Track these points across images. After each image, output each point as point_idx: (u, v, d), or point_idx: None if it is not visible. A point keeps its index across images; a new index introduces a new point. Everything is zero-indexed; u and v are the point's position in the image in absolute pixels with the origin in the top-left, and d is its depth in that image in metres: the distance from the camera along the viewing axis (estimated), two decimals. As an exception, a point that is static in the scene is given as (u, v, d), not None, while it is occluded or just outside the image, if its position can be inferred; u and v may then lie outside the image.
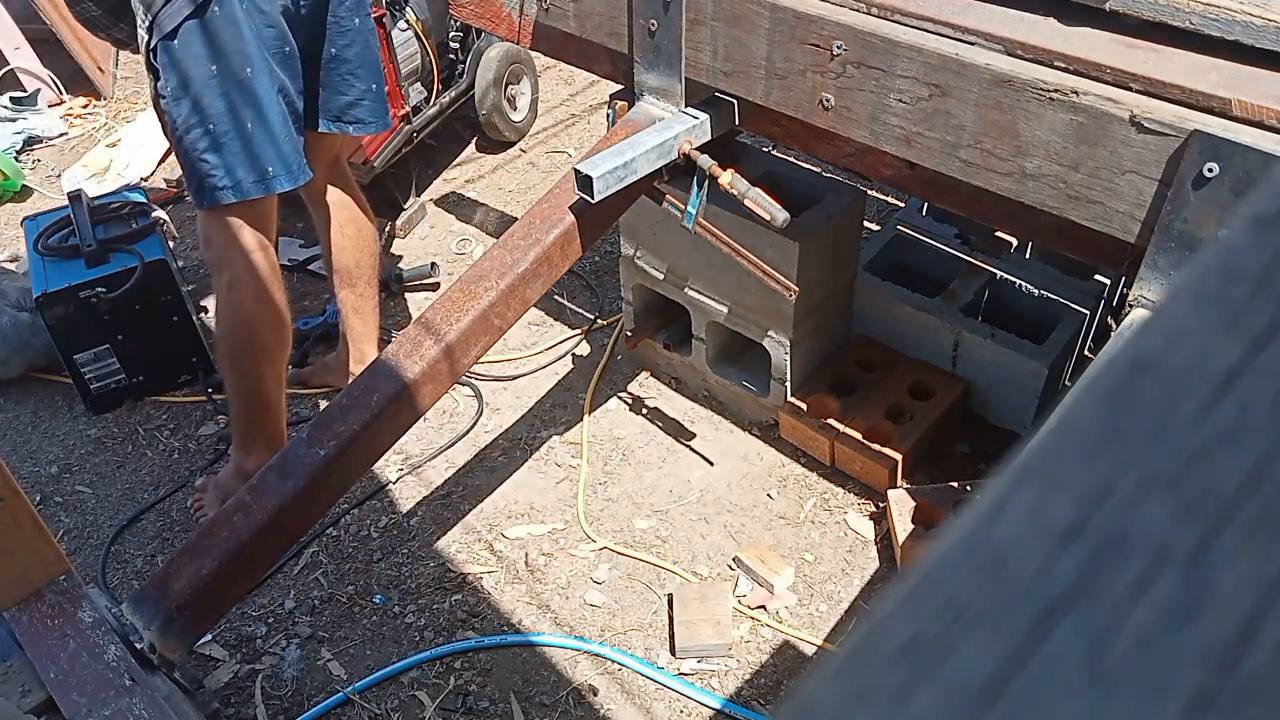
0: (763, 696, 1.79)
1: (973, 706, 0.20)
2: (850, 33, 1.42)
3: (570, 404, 2.43)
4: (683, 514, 2.13)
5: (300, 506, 1.54)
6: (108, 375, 2.42)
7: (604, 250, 2.86)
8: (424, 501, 2.21)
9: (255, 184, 1.82)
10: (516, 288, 1.67)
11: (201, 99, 1.73)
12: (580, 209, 1.69)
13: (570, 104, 3.66)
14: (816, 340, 2.21)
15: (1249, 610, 0.20)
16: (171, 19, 1.68)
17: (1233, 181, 1.14)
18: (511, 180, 3.30)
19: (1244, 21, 1.19)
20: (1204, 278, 0.26)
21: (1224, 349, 0.25)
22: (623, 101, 1.87)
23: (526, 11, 1.96)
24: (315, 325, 2.63)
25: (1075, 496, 0.23)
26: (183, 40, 1.69)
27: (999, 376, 2.13)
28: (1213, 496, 0.22)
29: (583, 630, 1.92)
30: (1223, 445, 0.23)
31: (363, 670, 1.88)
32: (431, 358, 1.60)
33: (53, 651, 1.37)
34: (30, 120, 3.67)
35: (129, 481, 2.31)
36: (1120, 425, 0.24)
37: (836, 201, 2.08)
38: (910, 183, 1.67)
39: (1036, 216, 1.40)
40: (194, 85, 1.72)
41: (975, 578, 0.22)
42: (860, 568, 2.00)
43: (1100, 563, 0.21)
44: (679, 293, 2.26)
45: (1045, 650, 0.20)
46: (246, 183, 1.82)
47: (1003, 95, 1.30)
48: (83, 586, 1.47)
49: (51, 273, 2.31)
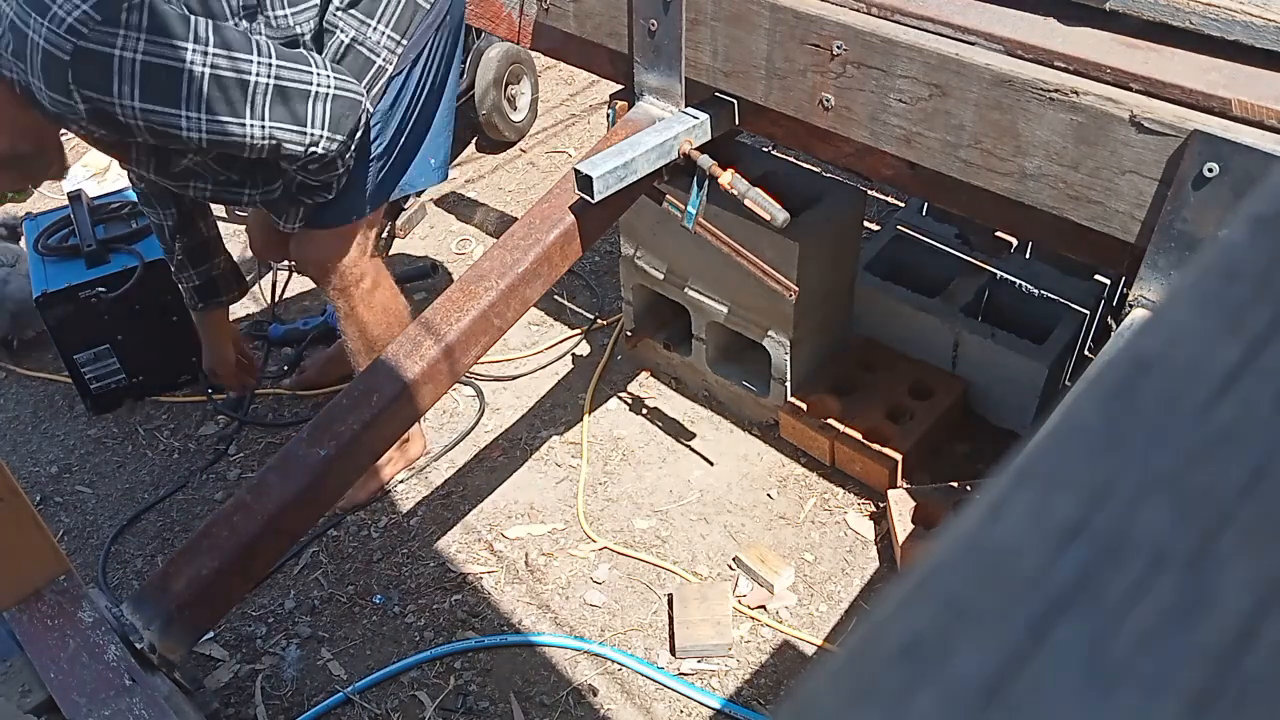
0: (763, 696, 1.79)
1: (973, 706, 0.20)
2: (850, 33, 1.42)
3: (570, 404, 2.43)
4: (683, 514, 2.13)
5: (300, 506, 1.54)
6: (108, 375, 2.43)
7: (604, 250, 2.86)
8: (424, 501, 2.21)
9: (402, 189, 1.89)
10: (516, 288, 1.67)
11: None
12: (580, 209, 1.69)
13: (570, 104, 3.66)
14: (816, 340, 2.21)
15: (1249, 610, 0.20)
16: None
17: (1233, 181, 1.14)
18: (511, 180, 3.30)
19: (1244, 21, 1.19)
20: (1204, 278, 0.26)
21: (1224, 349, 0.25)
22: (623, 101, 1.87)
23: (526, 11, 1.96)
24: (315, 325, 2.63)
25: (1075, 496, 0.23)
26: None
27: (999, 376, 2.13)
28: (1213, 497, 0.22)
29: (583, 630, 1.92)
30: (1223, 445, 0.23)
31: (363, 670, 1.87)
32: (431, 358, 1.60)
33: (53, 651, 1.37)
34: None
35: (129, 481, 2.31)
36: (1120, 425, 0.24)
37: (836, 201, 2.08)
38: (910, 183, 1.67)
39: (1036, 216, 1.40)
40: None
41: (975, 578, 0.22)
42: (860, 568, 2.00)
43: (1100, 563, 0.21)
44: (679, 293, 2.26)
45: (1045, 650, 0.20)
46: (395, 190, 1.87)
47: (1003, 95, 1.30)
48: (83, 586, 1.47)
49: (51, 273, 2.31)
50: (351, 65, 1.65)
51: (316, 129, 1.54)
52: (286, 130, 1.52)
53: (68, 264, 2.33)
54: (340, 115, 1.56)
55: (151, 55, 1.39)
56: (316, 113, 1.53)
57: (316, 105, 1.53)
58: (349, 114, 1.57)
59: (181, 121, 1.44)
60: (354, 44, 1.64)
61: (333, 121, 1.55)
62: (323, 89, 1.53)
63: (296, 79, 1.51)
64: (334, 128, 1.55)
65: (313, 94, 1.52)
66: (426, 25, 1.73)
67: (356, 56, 1.65)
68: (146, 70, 1.39)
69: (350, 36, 1.63)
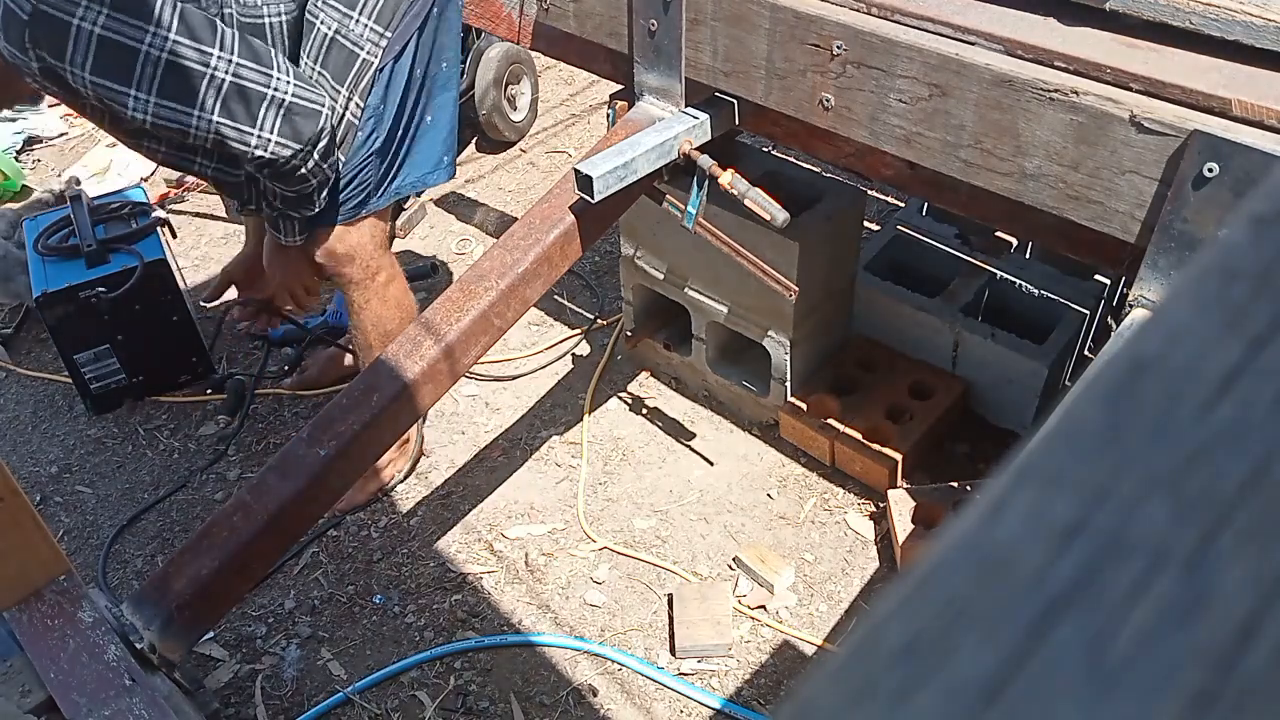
0: (763, 696, 1.79)
1: (973, 706, 0.20)
2: (850, 33, 1.42)
3: (570, 404, 2.43)
4: (683, 514, 2.13)
5: (300, 506, 1.54)
6: (108, 375, 2.42)
7: (604, 250, 2.86)
8: (424, 501, 2.21)
9: (410, 184, 1.89)
10: (516, 288, 1.67)
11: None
12: (580, 209, 1.69)
13: (570, 104, 3.66)
14: (816, 340, 2.21)
15: (1249, 610, 0.20)
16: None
17: (1233, 181, 1.14)
18: (511, 180, 3.30)
19: (1244, 21, 1.19)
20: (1204, 278, 0.26)
21: (1224, 349, 0.25)
22: (623, 101, 1.88)
23: (526, 11, 1.96)
24: (315, 325, 2.63)
25: (1075, 496, 0.23)
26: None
27: (999, 376, 2.13)
28: (1213, 496, 0.22)
29: (583, 630, 1.92)
30: (1223, 445, 0.23)
31: (363, 670, 1.88)
32: (431, 358, 1.60)
33: (53, 651, 1.37)
34: (30, 120, 3.67)
35: (129, 481, 2.31)
36: (1120, 425, 0.24)
37: (836, 201, 2.08)
38: (910, 183, 1.67)
39: (1036, 216, 1.40)
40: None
41: (975, 578, 0.22)
42: (860, 568, 2.00)
43: (1100, 563, 0.21)
44: (679, 293, 2.26)
45: (1045, 650, 0.20)
46: (403, 185, 1.87)
47: (1003, 95, 1.30)
48: (83, 586, 1.47)
49: (51, 273, 2.31)
50: (335, 60, 1.64)
51: (266, 132, 1.52)
52: (232, 128, 1.50)
53: (68, 264, 2.33)
54: (296, 123, 1.54)
55: (110, 30, 1.38)
56: (268, 117, 1.51)
57: (269, 110, 1.51)
58: (307, 122, 1.55)
59: (129, 100, 1.43)
60: (336, 37, 1.63)
61: (285, 128, 1.53)
62: (279, 94, 1.52)
63: (254, 80, 1.50)
64: (286, 134, 1.54)
65: (268, 98, 1.51)
66: (411, 15, 1.71)
67: (340, 51, 1.64)
68: (102, 44, 1.39)
69: (332, 30, 1.62)
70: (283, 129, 1.53)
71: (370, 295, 1.95)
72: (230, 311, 2.34)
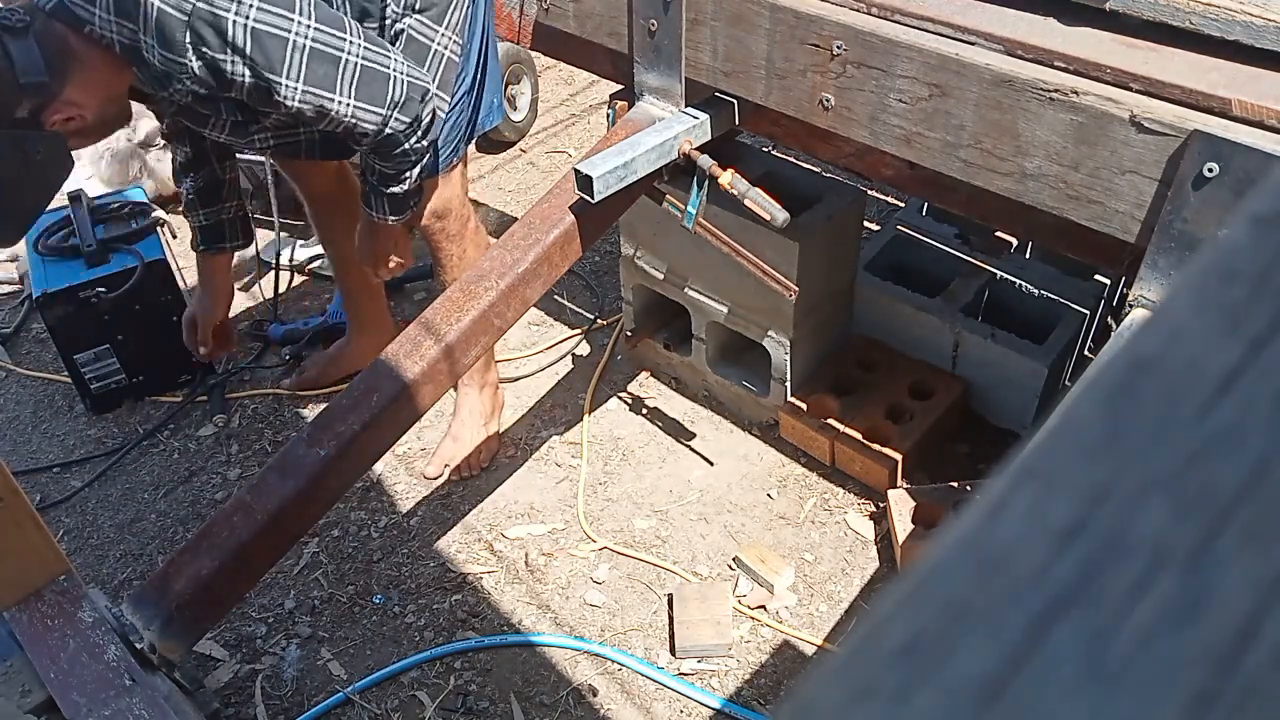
0: (763, 696, 1.79)
1: (973, 706, 0.20)
2: (850, 33, 1.42)
3: (570, 404, 2.43)
4: (683, 514, 2.13)
5: (300, 506, 1.54)
6: (108, 375, 2.43)
7: (604, 250, 2.86)
8: (424, 501, 2.21)
9: (482, 123, 1.99)
10: (516, 288, 1.67)
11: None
12: (580, 209, 1.69)
13: (570, 104, 3.66)
14: (816, 340, 2.21)
15: (1249, 610, 0.20)
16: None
17: (1233, 181, 1.14)
18: (511, 180, 3.30)
19: (1244, 21, 1.19)
20: (1203, 278, 0.26)
21: (1224, 349, 0.25)
22: (623, 101, 1.87)
23: (526, 11, 1.96)
24: (315, 325, 2.63)
25: (1075, 496, 0.23)
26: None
27: (999, 376, 2.13)
28: (1213, 497, 0.22)
29: (583, 630, 1.92)
30: (1223, 445, 0.23)
31: (363, 670, 1.88)
32: (431, 358, 1.60)
33: (53, 651, 1.37)
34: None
35: (129, 481, 2.31)
36: (1120, 425, 0.24)
37: (836, 201, 2.08)
38: (910, 183, 1.67)
39: (1036, 216, 1.40)
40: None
41: (975, 578, 0.22)
42: (860, 568, 2.00)
43: (1100, 563, 0.21)
44: (679, 293, 2.26)
45: (1045, 650, 0.20)
46: (482, 123, 1.97)
47: (1003, 95, 1.30)
48: (83, 586, 1.47)
49: (51, 273, 2.31)
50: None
51: (389, 110, 1.63)
52: (366, 110, 1.61)
53: (68, 264, 2.33)
54: (408, 99, 1.64)
55: (261, 23, 1.50)
56: (392, 95, 1.62)
57: (393, 88, 1.62)
58: (414, 99, 1.64)
59: (282, 88, 1.55)
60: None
61: (402, 105, 1.64)
62: (398, 74, 1.63)
63: (379, 61, 1.61)
64: (402, 110, 1.64)
65: (390, 77, 1.61)
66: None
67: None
68: (256, 36, 1.51)
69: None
70: (399, 106, 1.64)
71: (466, 245, 2.04)
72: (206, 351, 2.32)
